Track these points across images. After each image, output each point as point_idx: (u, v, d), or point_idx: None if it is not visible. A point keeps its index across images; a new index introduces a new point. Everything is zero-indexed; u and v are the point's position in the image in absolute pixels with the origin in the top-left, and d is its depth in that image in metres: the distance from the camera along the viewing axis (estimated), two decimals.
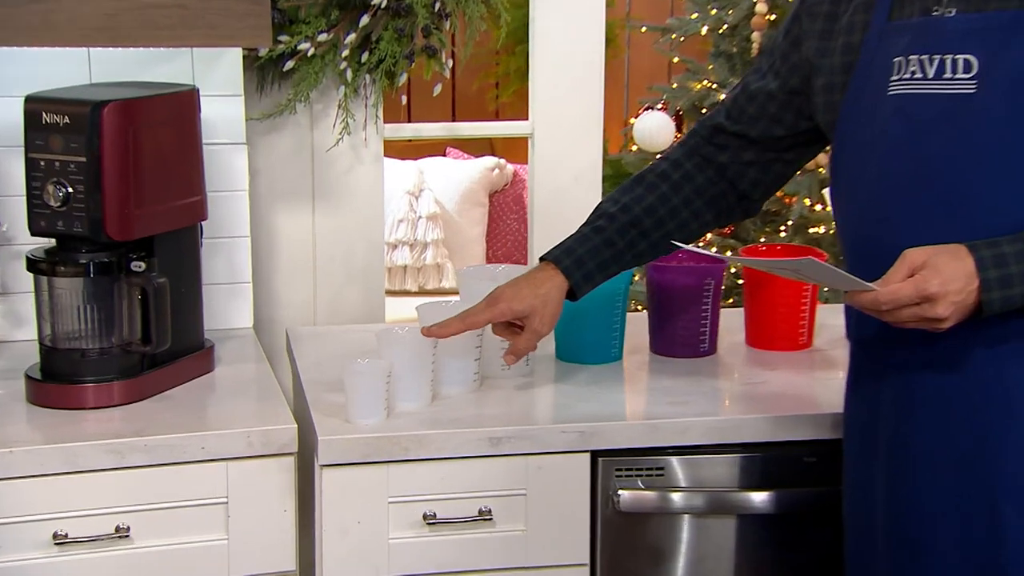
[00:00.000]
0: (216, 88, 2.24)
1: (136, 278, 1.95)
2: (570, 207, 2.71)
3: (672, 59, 4.02)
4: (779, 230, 3.44)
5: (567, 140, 2.74)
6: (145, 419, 1.88)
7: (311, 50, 2.40)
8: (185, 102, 2.04)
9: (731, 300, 3.40)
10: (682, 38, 3.75)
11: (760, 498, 1.92)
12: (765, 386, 2.06)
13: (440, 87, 2.52)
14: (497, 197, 5.06)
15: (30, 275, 1.97)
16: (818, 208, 3.35)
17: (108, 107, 1.88)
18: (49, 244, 1.98)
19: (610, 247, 1.91)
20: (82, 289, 1.95)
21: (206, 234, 2.14)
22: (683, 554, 1.94)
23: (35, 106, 1.90)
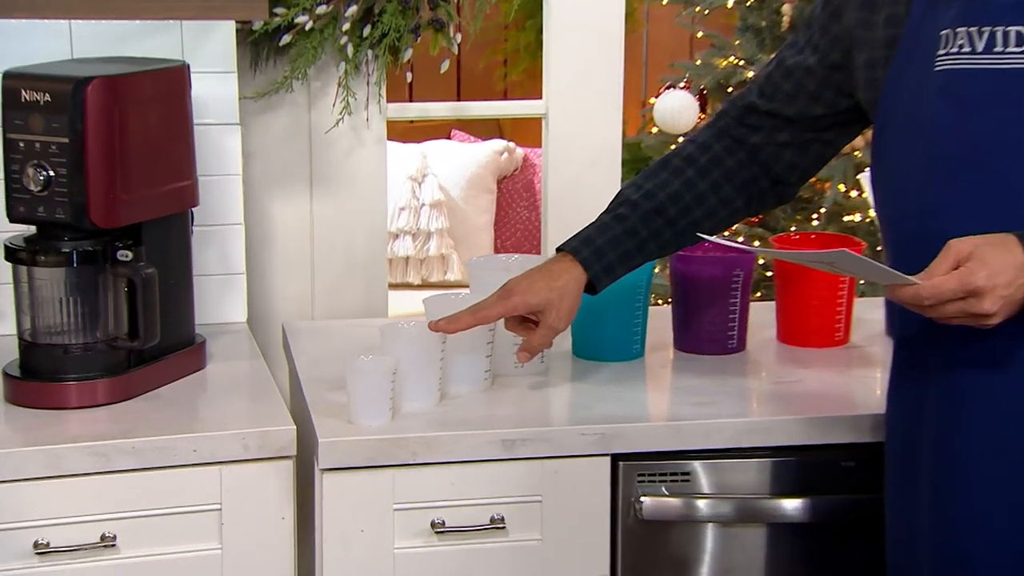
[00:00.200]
0: (207, 64, 2.23)
1: (122, 268, 1.95)
2: (587, 194, 2.70)
3: (695, 34, 4.02)
4: (811, 218, 3.44)
5: (584, 121, 2.74)
6: (132, 420, 1.88)
7: (309, 23, 2.40)
8: (174, 79, 2.04)
9: (759, 294, 3.40)
10: (706, 11, 3.74)
11: (793, 506, 1.92)
12: (798, 385, 2.05)
13: (448, 63, 2.52)
14: (506, 183, 5.05)
15: (8, 265, 1.97)
16: (853, 195, 3.35)
17: (92, 84, 1.88)
18: (29, 231, 1.98)
19: (632, 237, 1.90)
20: (64, 280, 1.95)
21: (197, 221, 2.14)
22: (709, 565, 1.94)
23: (13, 83, 1.90)
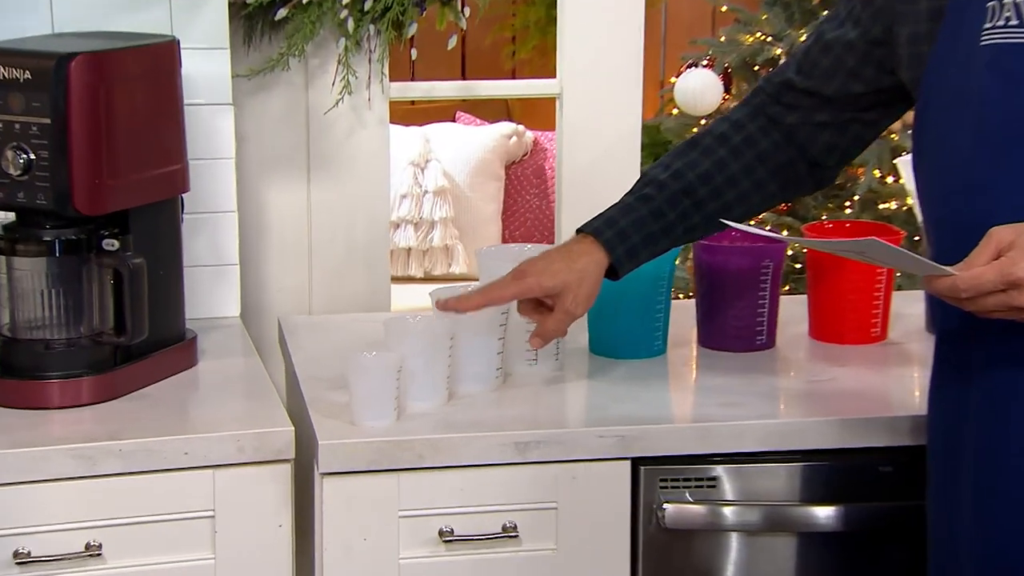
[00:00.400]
0: (198, 40, 2.23)
1: (108, 258, 1.95)
2: (604, 180, 2.70)
3: (718, 7, 4.01)
4: (844, 206, 3.44)
5: (601, 101, 2.73)
6: (119, 420, 1.88)
7: None
8: (163, 56, 2.04)
9: (787, 287, 3.40)
10: None
11: (826, 513, 1.92)
12: (832, 384, 2.05)
13: (455, 40, 2.51)
14: (515, 169, 5.05)
15: None
16: (889, 181, 3.35)
17: (76, 60, 1.88)
18: (8, 219, 1.98)
19: (658, 219, 1.90)
20: (46, 271, 1.95)
21: (187, 209, 2.14)
22: None
23: None
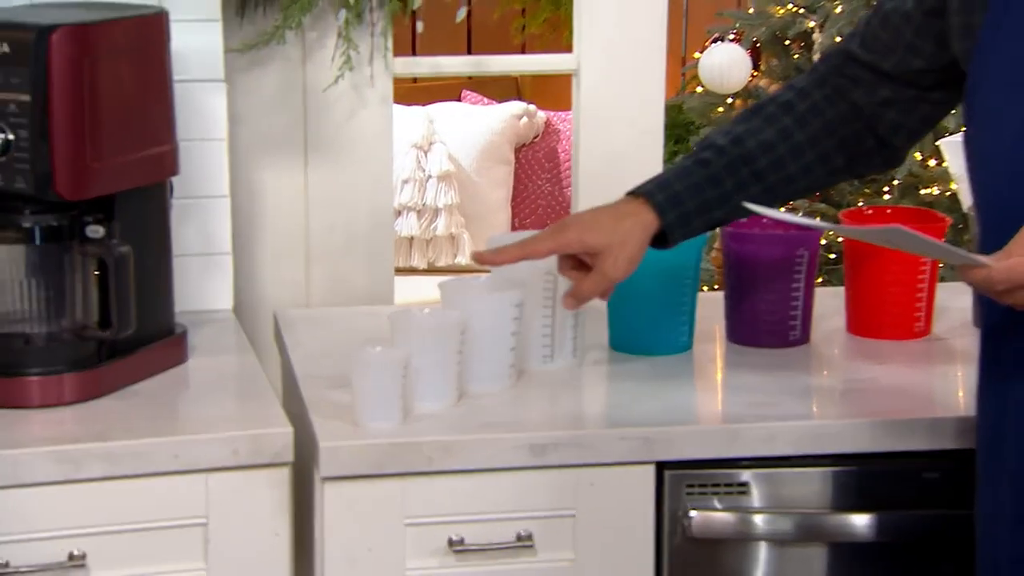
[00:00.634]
0: (188, 12, 2.24)
1: (92, 247, 1.95)
2: (625, 163, 2.71)
3: None
4: (882, 191, 3.43)
5: (621, 78, 2.73)
6: (104, 421, 1.88)
7: None
8: (151, 28, 2.04)
9: (819, 279, 3.40)
10: None
11: (863, 522, 1.92)
12: (871, 383, 2.05)
13: (463, 12, 2.52)
14: (525, 152, 5.05)
15: None
16: (932, 164, 3.34)
17: (58, 33, 1.88)
18: None
19: (715, 186, 1.89)
20: (25, 260, 1.95)
21: (176, 193, 2.14)
22: None
23: None
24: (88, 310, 1.97)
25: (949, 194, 3.40)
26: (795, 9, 3.63)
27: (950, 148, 2.68)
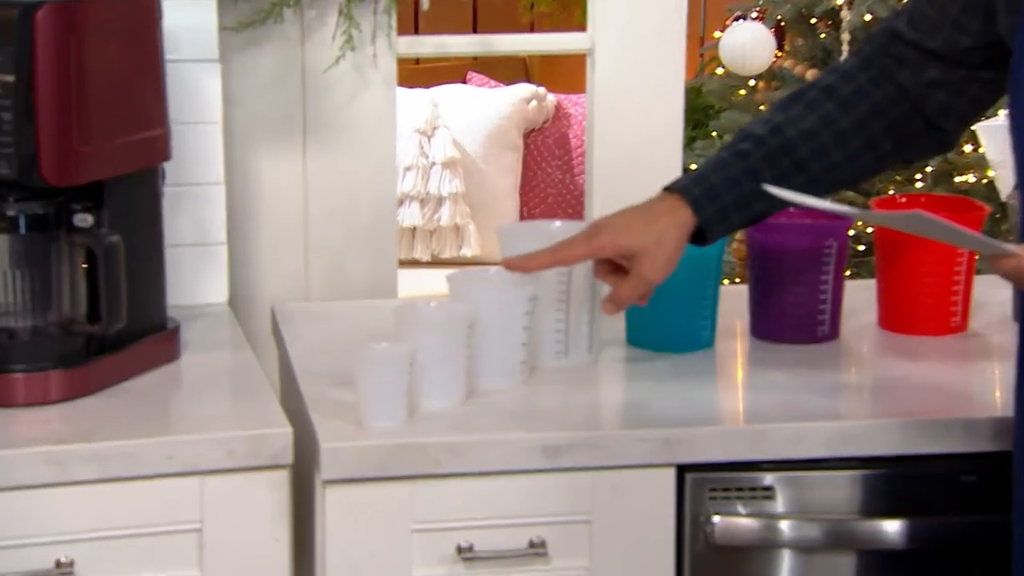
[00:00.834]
0: None
1: (80, 236, 1.96)
2: (642, 150, 2.70)
3: None
4: (913, 178, 3.44)
5: (639, 58, 2.73)
6: (93, 420, 1.89)
7: None
8: (141, 5, 2.04)
9: (847, 271, 3.40)
10: None
11: (895, 529, 1.92)
12: (904, 382, 2.06)
13: None
14: (534, 137, 5.06)
15: None
16: (967, 149, 3.34)
17: (43, 10, 1.89)
18: None
19: (754, 178, 1.89)
20: (9, 250, 1.96)
21: (169, 180, 2.14)
22: None
23: None
24: (76, 303, 1.98)
25: (986, 182, 3.40)
26: None
27: (987, 133, 2.68)
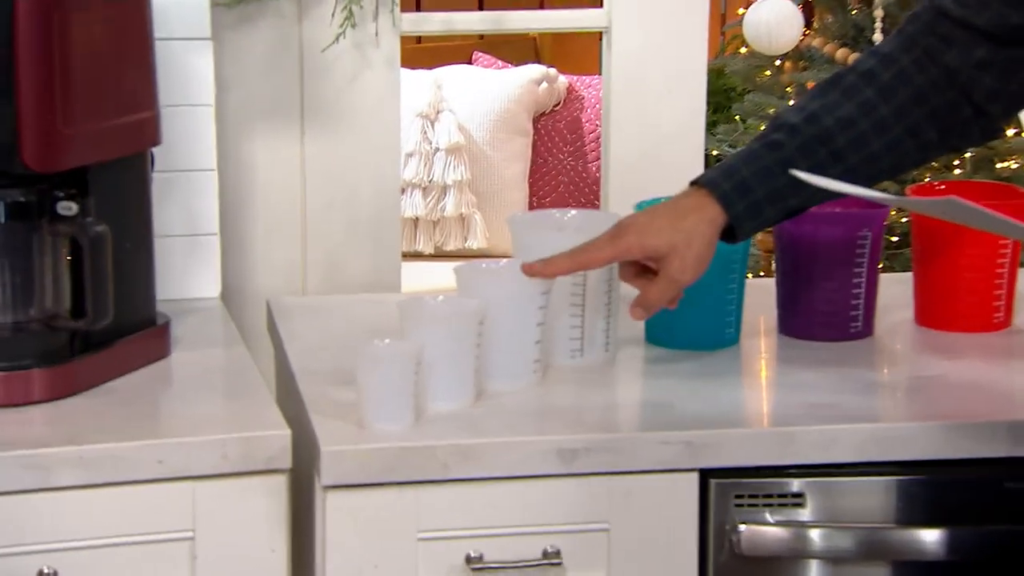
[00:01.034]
0: None
1: (64, 225, 1.96)
2: (661, 134, 2.71)
3: None
4: (952, 165, 3.43)
5: (658, 36, 2.73)
6: (78, 422, 1.89)
7: None
8: None
9: (880, 264, 3.40)
10: None
11: (933, 538, 1.92)
12: (943, 381, 2.06)
13: None
14: (545, 122, 5.06)
15: None
16: (1010, 134, 3.34)
17: None
18: None
19: (788, 171, 1.89)
20: None
21: (158, 166, 2.15)
22: None
23: None
24: (59, 297, 1.98)
25: None
26: None
27: None
